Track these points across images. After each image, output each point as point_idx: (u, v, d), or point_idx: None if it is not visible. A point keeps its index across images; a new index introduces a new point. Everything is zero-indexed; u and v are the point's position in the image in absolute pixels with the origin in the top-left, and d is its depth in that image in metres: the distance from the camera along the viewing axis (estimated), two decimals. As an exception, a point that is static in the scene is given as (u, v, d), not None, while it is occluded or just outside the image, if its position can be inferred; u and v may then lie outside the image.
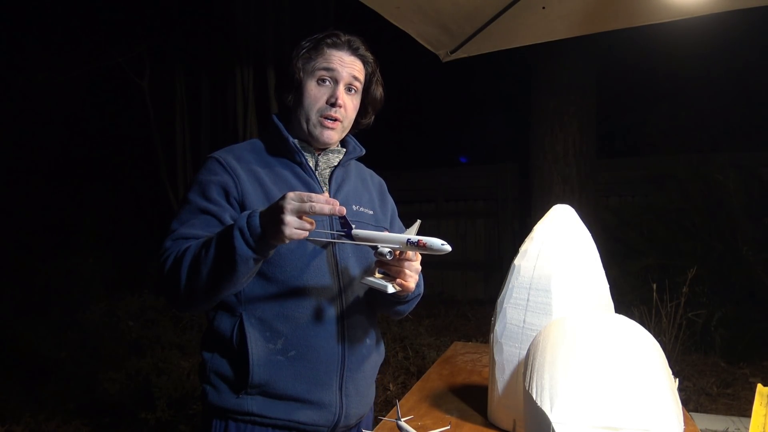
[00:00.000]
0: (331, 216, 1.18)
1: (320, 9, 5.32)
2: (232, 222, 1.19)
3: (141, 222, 6.92)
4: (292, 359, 1.22)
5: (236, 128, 5.17)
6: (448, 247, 1.00)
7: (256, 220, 1.04)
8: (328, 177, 1.35)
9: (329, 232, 1.23)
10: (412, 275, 1.17)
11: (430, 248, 1.01)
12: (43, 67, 6.19)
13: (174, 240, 1.19)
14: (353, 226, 1.17)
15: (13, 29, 6.30)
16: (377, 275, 1.17)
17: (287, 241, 1.03)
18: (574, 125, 5.40)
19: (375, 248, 1.08)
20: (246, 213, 1.06)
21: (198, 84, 5.70)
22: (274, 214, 1.01)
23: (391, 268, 1.15)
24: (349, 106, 1.31)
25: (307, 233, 1.02)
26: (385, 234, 1.12)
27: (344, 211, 1.03)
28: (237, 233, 1.04)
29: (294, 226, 1.00)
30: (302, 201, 0.99)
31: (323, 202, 0.99)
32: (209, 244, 1.10)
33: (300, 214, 0.99)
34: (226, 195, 1.22)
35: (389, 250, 1.07)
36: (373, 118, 1.44)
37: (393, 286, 1.14)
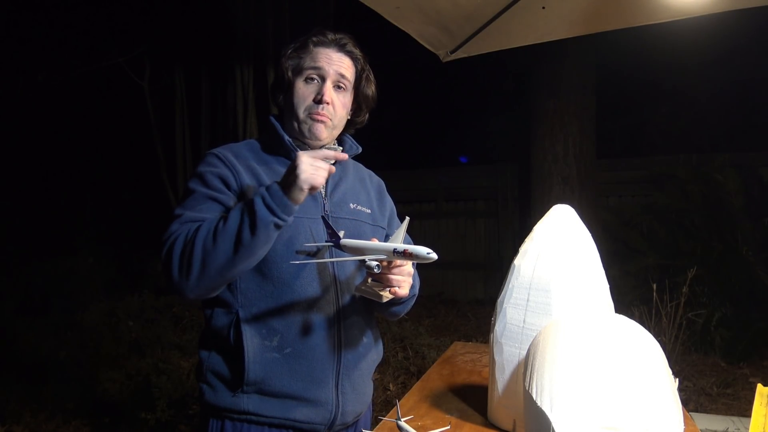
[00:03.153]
0: (324, 224, 1.23)
1: (320, 9, 5.32)
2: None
3: (141, 222, 6.92)
4: (288, 356, 1.22)
5: (236, 128, 5.16)
6: (434, 256, 1.00)
7: (275, 185, 1.10)
8: None
9: (317, 244, 1.24)
10: (405, 280, 1.17)
11: (416, 257, 1.02)
12: (43, 67, 6.19)
13: (182, 223, 1.18)
14: (340, 236, 1.19)
15: (14, 29, 6.30)
16: (370, 283, 1.17)
17: (305, 188, 1.08)
18: (574, 125, 5.40)
19: (363, 261, 1.09)
20: (263, 186, 1.13)
21: (198, 84, 5.70)
22: (290, 168, 1.09)
23: (382, 277, 1.15)
24: (337, 103, 1.30)
25: (323, 178, 1.09)
26: (373, 243, 1.12)
27: (346, 156, 1.14)
28: (258, 199, 1.09)
29: (310, 171, 1.07)
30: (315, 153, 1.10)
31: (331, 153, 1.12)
32: (226, 217, 1.12)
33: (313, 159, 1.08)
34: (227, 185, 1.23)
35: (377, 263, 1.08)
36: (367, 115, 1.43)
37: (386, 295, 1.15)
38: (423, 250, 1.01)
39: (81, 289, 5.46)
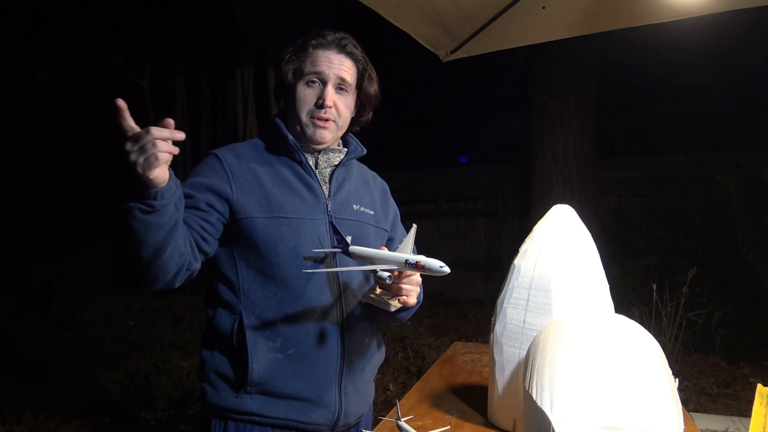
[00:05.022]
0: (330, 233, 1.23)
1: (320, 9, 5.32)
2: (206, 209, 1.19)
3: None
4: (292, 357, 1.22)
5: (236, 128, 5.18)
6: (446, 269, 0.99)
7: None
8: (328, 176, 1.34)
9: (325, 250, 1.24)
10: (414, 289, 1.16)
11: (429, 269, 1.00)
12: (43, 67, 6.19)
13: None
14: (348, 241, 1.18)
15: (14, 29, 6.30)
16: (379, 291, 1.17)
17: (143, 178, 0.94)
18: (574, 125, 5.40)
19: (374, 272, 1.08)
20: None
21: (198, 84, 5.71)
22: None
23: (392, 287, 1.13)
24: (340, 105, 1.29)
25: (156, 161, 0.94)
26: (383, 252, 1.11)
27: (183, 135, 0.97)
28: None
29: (133, 158, 0.94)
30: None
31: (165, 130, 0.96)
32: None
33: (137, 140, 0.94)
34: (216, 193, 1.21)
35: (388, 274, 1.07)
36: (371, 115, 1.42)
37: (395, 304, 1.14)
38: (436, 264, 0.99)
39: (81, 289, 5.45)
